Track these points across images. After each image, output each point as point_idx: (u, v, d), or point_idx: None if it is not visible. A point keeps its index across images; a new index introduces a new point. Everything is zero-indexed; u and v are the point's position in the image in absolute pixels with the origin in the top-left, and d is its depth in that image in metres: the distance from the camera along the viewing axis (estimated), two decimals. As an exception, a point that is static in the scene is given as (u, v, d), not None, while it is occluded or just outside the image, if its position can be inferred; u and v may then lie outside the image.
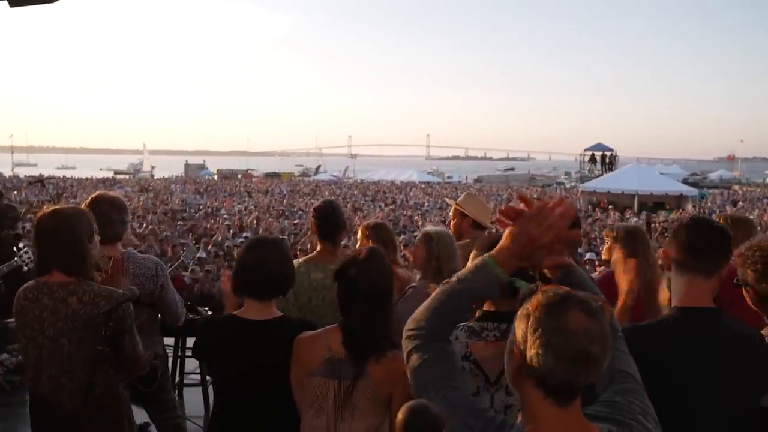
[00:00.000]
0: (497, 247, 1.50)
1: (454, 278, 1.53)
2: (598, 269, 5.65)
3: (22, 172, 52.71)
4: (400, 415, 1.09)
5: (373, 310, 2.00)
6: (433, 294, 1.53)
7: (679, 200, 27.32)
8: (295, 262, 2.94)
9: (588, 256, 10.28)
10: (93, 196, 3.10)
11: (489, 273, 1.48)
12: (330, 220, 3.09)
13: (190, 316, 3.89)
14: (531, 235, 1.46)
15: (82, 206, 2.94)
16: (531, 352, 1.23)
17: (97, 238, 2.40)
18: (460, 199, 3.92)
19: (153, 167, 73.78)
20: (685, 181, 40.06)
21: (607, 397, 1.38)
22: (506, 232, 1.51)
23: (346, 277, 2.05)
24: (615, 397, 1.38)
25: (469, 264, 1.56)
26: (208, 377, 4.06)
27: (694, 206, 25.88)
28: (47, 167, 74.36)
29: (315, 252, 3.16)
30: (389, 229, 3.69)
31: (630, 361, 1.47)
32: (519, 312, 1.29)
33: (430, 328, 1.49)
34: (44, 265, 2.31)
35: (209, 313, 4.65)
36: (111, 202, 3.01)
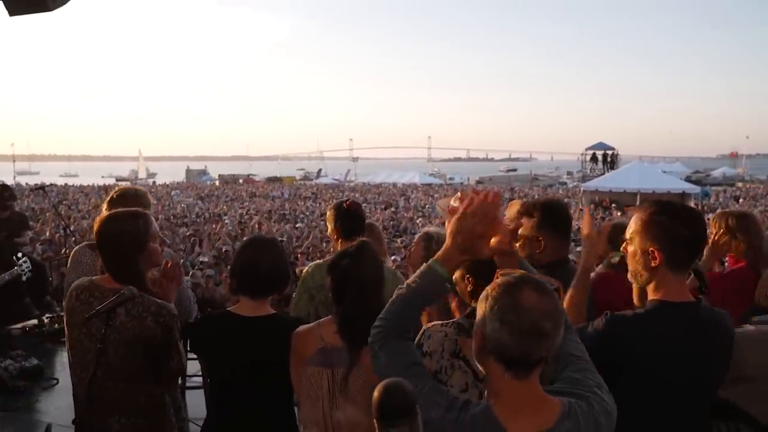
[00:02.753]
0: (442, 249, 1.65)
1: (405, 284, 1.67)
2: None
3: (24, 180, 52.79)
4: (375, 393, 1.12)
5: (366, 298, 2.06)
6: (391, 299, 1.67)
7: (682, 198, 27.23)
8: (319, 263, 2.99)
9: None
10: (119, 189, 3.16)
11: (433, 275, 1.63)
12: (353, 220, 3.08)
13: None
14: (466, 229, 1.60)
15: (105, 202, 3.08)
16: (488, 329, 1.35)
17: (156, 243, 2.37)
18: (451, 200, 3.93)
19: (155, 174, 73.86)
20: (688, 179, 39.92)
21: (566, 376, 1.51)
22: (447, 231, 1.65)
23: (338, 268, 2.11)
24: (573, 375, 1.51)
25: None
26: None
27: (696, 204, 25.83)
28: (50, 175, 74.48)
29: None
30: (378, 229, 3.73)
31: (581, 347, 1.60)
32: (480, 296, 1.42)
33: (388, 328, 1.62)
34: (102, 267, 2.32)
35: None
36: (134, 199, 3.07)
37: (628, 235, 1.89)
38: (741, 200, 29.71)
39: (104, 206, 3.09)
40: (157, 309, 2.22)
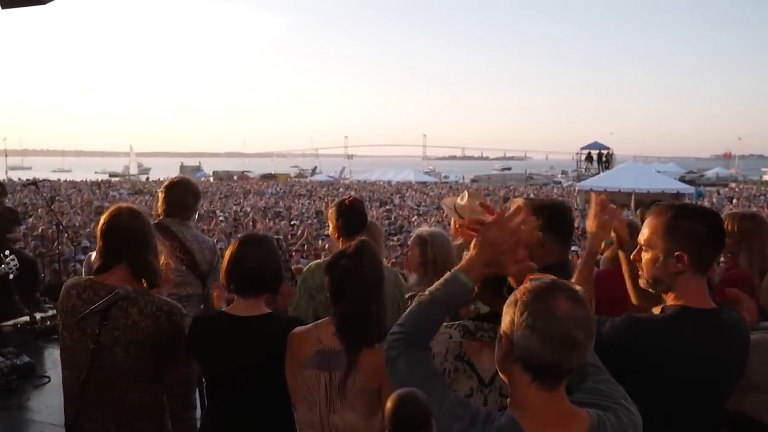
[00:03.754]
0: (466, 258, 1.60)
1: (427, 291, 1.61)
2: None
3: (17, 175, 52.40)
4: (388, 404, 1.08)
5: (365, 299, 2.02)
6: (410, 306, 1.62)
7: (676, 198, 27.30)
8: (319, 263, 2.96)
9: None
10: (172, 179, 3.57)
11: (457, 284, 1.57)
12: (354, 218, 3.03)
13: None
14: (493, 242, 1.55)
15: (163, 187, 3.46)
16: (518, 335, 1.30)
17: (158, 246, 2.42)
18: (458, 199, 3.88)
19: (149, 169, 73.44)
20: (682, 179, 40.07)
21: (588, 386, 1.45)
22: (473, 241, 1.60)
23: (336, 268, 2.07)
24: (597, 385, 1.45)
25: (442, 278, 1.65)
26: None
27: (690, 204, 25.85)
28: (42, 170, 74.07)
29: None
30: (375, 227, 3.69)
31: (596, 357, 1.55)
32: (507, 300, 1.36)
33: (409, 336, 1.56)
34: (108, 264, 2.24)
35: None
36: (186, 187, 3.47)
37: (643, 240, 1.80)
38: (735, 201, 29.81)
39: (161, 193, 3.47)
40: (169, 308, 2.23)
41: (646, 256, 1.79)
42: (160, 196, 3.49)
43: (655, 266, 1.77)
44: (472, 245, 1.60)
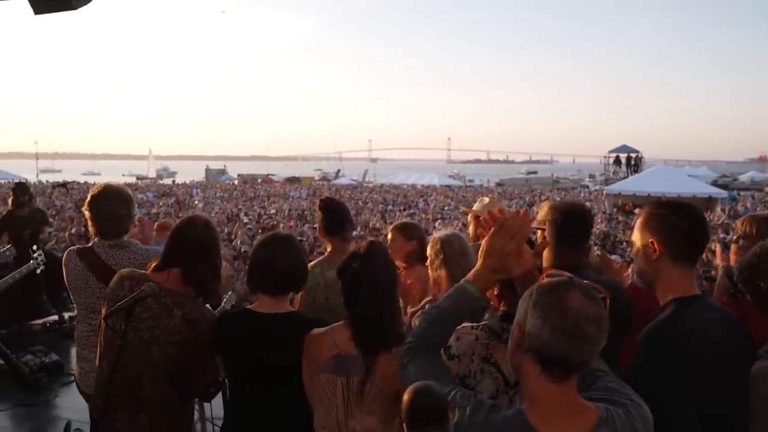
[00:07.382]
0: (474, 268, 1.64)
1: (435, 303, 1.66)
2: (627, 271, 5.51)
3: (47, 178, 53.73)
4: (405, 397, 1.05)
5: (379, 302, 1.98)
6: (421, 317, 1.67)
7: (708, 202, 26.66)
8: (310, 264, 2.95)
9: (613, 258, 10.07)
10: (94, 192, 2.94)
11: (463, 294, 1.62)
12: (334, 216, 3.11)
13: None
14: (498, 248, 1.60)
15: (86, 206, 2.92)
16: (529, 325, 1.33)
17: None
18: (475, 205, 3.91)
19: (175, 172, 74.51)
20: (714, 183, 39.07)
21: (601, 386, 1.46)
22: (480, 251, 1.65)
23: (348, 271, 2.03)
24: (608, 384, 1.47)
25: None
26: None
27: (722, 209, 25.24)
28: (72, 173, 75.82)
29: (327, 252, 3.19)
30: (419, 228, 3.68)
31: (606, 365, 1.56)
32: (524, 294, 1.40)
33: (419, 346, 1.61)
34: (165, 264, 2.31)
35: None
36: (116, 196, 2.89)
37: (633, 237, 1.91)
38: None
39: (86, 211, 2.92)
40: (211, 318, 2.30)
41: (633, 252, 1.91)
42: (86, 215, 2.91)
43: (637, 258, 1.88)
44: (479, 255, 1.65)
